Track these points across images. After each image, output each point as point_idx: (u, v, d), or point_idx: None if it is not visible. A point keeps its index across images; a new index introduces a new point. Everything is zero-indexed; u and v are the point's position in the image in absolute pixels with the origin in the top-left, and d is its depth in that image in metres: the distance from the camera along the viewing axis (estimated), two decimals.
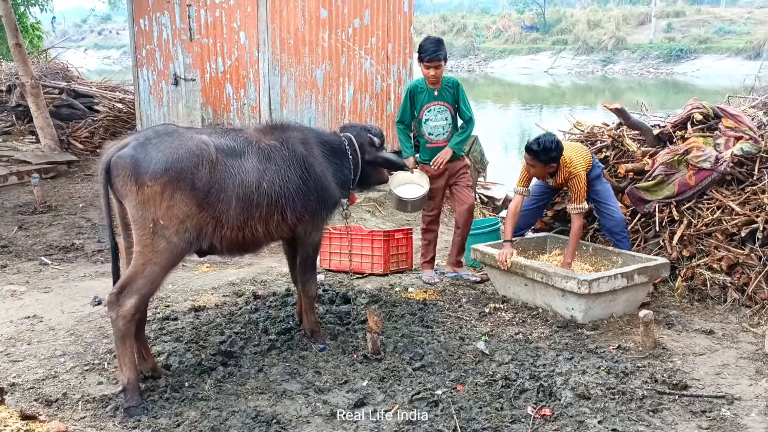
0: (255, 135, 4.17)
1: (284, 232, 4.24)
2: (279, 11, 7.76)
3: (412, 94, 5.74)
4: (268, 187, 3.98)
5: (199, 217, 3.74)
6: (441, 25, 55.10)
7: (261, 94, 7.91)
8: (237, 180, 3.86)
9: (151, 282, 3.70)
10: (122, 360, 3.67)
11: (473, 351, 4.36)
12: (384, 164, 4.94)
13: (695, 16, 45.47)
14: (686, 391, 3.79)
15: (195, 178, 3.68)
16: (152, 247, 3.66)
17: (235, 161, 3.90)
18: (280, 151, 4.13)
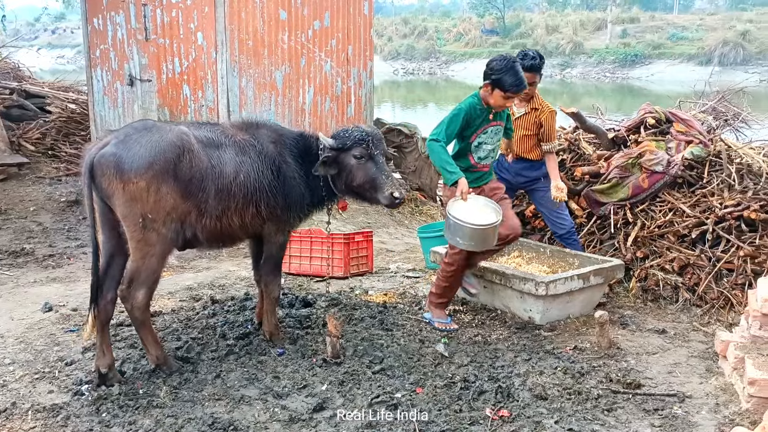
0: (231, 129, 4.24)
1: (259, 226, 4.27)
2: (237, 12, 7.67)
3: (469, 117, 4.68)
4: (245, 180, 4.05)
5: (183, 206, 3.88)
6: (402, 28, 55.36)
7: (219, 96, 7.81)
8: (217, 171, 3.97)
9: (153, 272, 3.92)
10: (147, 343, 4.06)
11: (433, 353, 4.37)
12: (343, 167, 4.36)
13: (649, 22, 46.61)
14: (639, 390, 3.86)
15: (177, 169, 3.81)
16: (145, 240, 3.84)
17: (214, 152, 4.00)
18: (254, 147, 4.17)
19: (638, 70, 39.86)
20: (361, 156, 4.27)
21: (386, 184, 4.27)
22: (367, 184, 4.30)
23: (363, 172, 4.29)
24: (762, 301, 3.82)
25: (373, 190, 4.32)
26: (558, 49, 42.64)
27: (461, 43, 51.15)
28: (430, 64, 49.72)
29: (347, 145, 4.26)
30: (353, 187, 4.36)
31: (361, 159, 4.27)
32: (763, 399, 3.38)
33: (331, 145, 4.26)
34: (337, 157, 4.29)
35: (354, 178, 4.31)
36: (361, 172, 4.29)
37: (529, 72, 4.92)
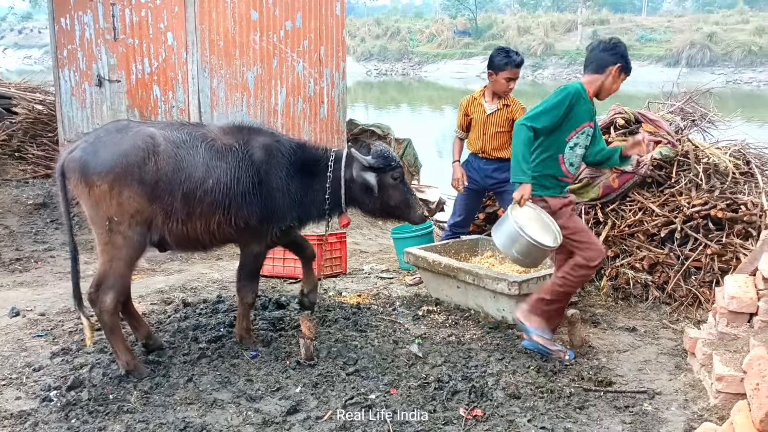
0: (214, 133, 4.14)
1: (228, 234, 4.16)
2: (208, 12, 7.60)
3: (572, 104, 4.03)
4: (214, 186, 3.96)
5: (149, 209, 3.85)
6: (375, 29, 55.43)
7: (190, 97, 7.73)
8: (184, 174, 3.89)
9: (120, 276, 3.90)
10: (116, 348, 3.98)
11: (407, 354, 4.37)
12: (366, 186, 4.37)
13: (618, 24, 47.31)
14: (611, 388, 3.91)
15: (142, 172, 3.77)
16: (112, 244, 3.84)
17: (184, 154, 3.93)
18: (234, 153, 4.07)
19: None
20: (397, 177, 4.41)
21: (417, 204, 4.53)
22: (402, 204, 4.46)
23: (399, 192, 4.43)
24: (729, 299, 3.89)
25: (407, 210, 4.49)
26: (529, 50, 43.05)
27: (434, 44, 51.38)
28: (403, 65, 49.86)
29: (390, 166, 4.35)
30: (389, 206, 4.47)
31: (396, 180, 4.41)
32: (731, 395, 3.44)
33: (371, 164, 4.31)
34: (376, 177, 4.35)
35: (391, 198, 4.42)
36: (397, 193, 4.42)
37: (519, 67, 5.26)
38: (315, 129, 8.95)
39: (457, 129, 5.67)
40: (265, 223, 4.20)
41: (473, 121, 5.50)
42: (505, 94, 5.39)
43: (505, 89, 5.36)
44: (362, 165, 4.30)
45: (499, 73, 5.31)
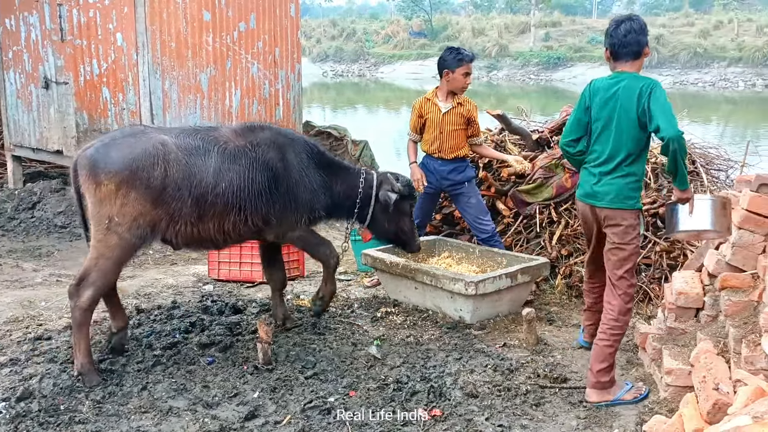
0: (227, 135, 4.23)
1: (246, 232, 4.29)
2: (159, 13, 7.47)
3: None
4: (226, 188, 4.06)
5: (153, 214, 3.93)
6: (331, 30, 55.33)
7: (141, 99, 7.59)
8: (195, 180, 3.98)
9: (104, 275, 3.94)
10: (78, 346, 3.97)
11: (366, 356, 4.38)
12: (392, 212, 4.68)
13: (570, 26, 48.21)
14: (565, 384, 3.98)
15: (150, 177, 3.86)
16: (105, 242, 3.91)
17: (196, 160, 4.03)
18: (247, 153, 4.17)
19: (561, 72, 41.14)
20: (411, 207, 4.86)
21: (416, 236, 4.95)
22: (410, 231, 4.84)
23: (409, 221, 4.84)
24: (677, 294, 4.01)
25: (411, 238, 4.87)
26: (484, 51, 43.51)
27: (390, 45, 51.51)
28: (359, 66, 49.86)
29: (412, 196, 4.82)
30: (400, 230, 4.81)
31: (410, 210, 4.84)
32: (680, 387, 3.54)
33: (399, 191, 4.65)
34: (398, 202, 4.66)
35: (404, 223, 4.80)
36: (408, 221, 4.83)
37: (471, 63, 5.40)
38: None
39: (411, 132, 5.69)
40: (289, 215, 4.35)
41: (428, 121, 5.54)
42: (462, 90, 5.49)
43: (463, 85, 5.46)
44: (391, 189, 4.62)
45: (455, 70, 5.40)
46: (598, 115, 3.77)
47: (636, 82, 3.62)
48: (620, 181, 3.73)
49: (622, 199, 3.73)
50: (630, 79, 3.66)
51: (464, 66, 5.40)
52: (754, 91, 35.08)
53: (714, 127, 21.70)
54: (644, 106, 3.54)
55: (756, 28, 40.39)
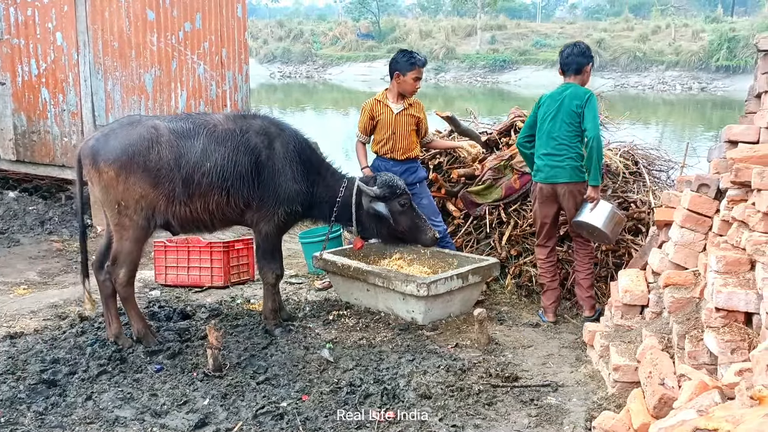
0: (218, 119, 4.49)
1: (230, 213, 4.50)
2: (100, 11, 7.27)
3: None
4: (211, 168, 4.30)
5: (152, 195, 4.24)
6: (278, 31, 54.85)
7: (83, 100, 7.37)
8: (183, 160, 4.26)
9: (129, 254, 4.36)
10: (130, 316, 4.51)
11: (318, 360, 4.34)
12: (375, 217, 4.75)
13: (515, 29, 49.01)
14: (517, 383, 4.03)
15: (146, 160, 4.18)
16: (120, 225, 4.30)
17: (185, 142, 4.30)
18: (234, 137, 4.39)
19: (507, 74, 41.80)
20: (404, 204, 4.71)
21: (426, 227, 4.78)
22: (411, 229, 4.75)
23: (407, 218, 4.73)
24: (622, 292, 4.11)
25: (417, 234, 4.78)
26: (432, 53, 43.86)
27: (338, 47, 51.41)
28: (307, 68, 49.59)
29: (395, 194, 4.69)
30: (398, 232, 4.77)
31: (404, 207, 4.71)
32: (627, 383, 3.63)
33: (377, 195, 4.64)
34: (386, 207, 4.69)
35: (399, 224, 4.73)
36: (405, 219, 4.73)
37: (423, 67, 5.47)
38: None
39: (359, 133, 5.67)
40: (267, 202, 4.49)
41: (380, 122, 5.53)
42: (412, 93, 5.51)
43: (413, 89, 5.48)
44: (369, 196, 4.63)
45: (406, 74, 5.42)
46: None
47: (578, 91, 4.84)
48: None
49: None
50: (574, 88, 4.86)
51: (415, 70, 5.42)
52: (690, 94, 36.39)
53: (653, 128, 22.39)
54: (581, 109, 4.75)
55: (692, 32, 41.88)
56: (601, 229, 4.77)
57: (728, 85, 36.75)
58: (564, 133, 4.83)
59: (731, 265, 3.30)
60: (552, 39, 46.08)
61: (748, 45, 37.14)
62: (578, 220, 4.86)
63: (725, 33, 38.30)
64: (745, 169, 3.47)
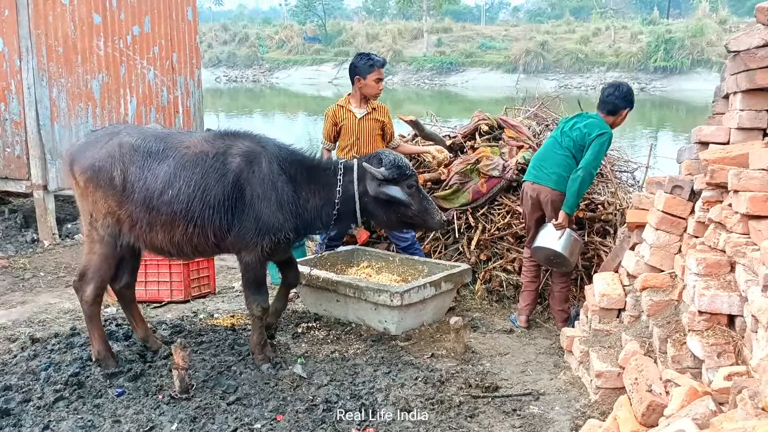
0: (194, 141, 4.05)
1: (201, 245, 4.06)
2: (44, 15, 6.92)
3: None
4: (173, 195, 3.90)
5: (118, 213, 3.98)
6: (222, 35, 54.07)
7: (27, 108, 7.00)
8: (144, 184, 3.92)
9: (97, 270, 4.14)
10: (92, 336, 4.27)
11: (291, 376, 4.17)
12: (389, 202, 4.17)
13: (461, 32, 49.56)
14: (497, 393, 3.95)
15: (111, 177, 3.94)
16: (90, 237, 4.13)
17: (149, 164, 3.94)
18: (206, 161, 3.95)
19: (454, 77, 42.19)
20: (412, 186, 4.19)
21: (435, 210, 4.29)
22: (421, 212, 4.22)
23: (417, 201, 4.20)
24: (599, 296, 4.08)
25: (426, 217, 4.25)
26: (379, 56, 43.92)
27: (284, 51, 50.98)
28: (253, 72, 49.01)
29: (405, 176, 4.14)
30: (407, 216, 4.23)
31: (412, 189, 4.19)
32: (610, 389, 3.59)
33: (386, 176, 4.07)
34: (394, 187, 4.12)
35: (408, 208, 4.19)
36: (415, 202, 4.19)
37: (384, 66, 5.39)
38: None
39: (324, 141, 5.55)
40: (248, 233, 4.01)
41: (343, 128, 5.41)
42: (376, 96, 5.42)
43: (376, 91, 5.39)
44: (377, 179, 4.09)
45: (367, 76, 5.33)
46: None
47: (602, 124, 4.76)
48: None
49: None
50: (599, 121, 4.79)
51: (375, 71, 5.33)
52: None
53: None
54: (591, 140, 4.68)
55: (630, 35, 43.11)
56: (564, 255, 4.72)
57: (666, 86, 37.97)
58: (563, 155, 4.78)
59: (712, 267, 3.29)
60: (497, 41, 46.76)
61: (684, 46, 38.53)
62: (538, 245, 4.80)
63: (662, 35, 39.57)
64: (721, 170, 3.47)
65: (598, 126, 4.72)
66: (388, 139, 5.52)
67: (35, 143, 7.12)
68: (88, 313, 4.25)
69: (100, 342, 4.27)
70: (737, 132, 3.78)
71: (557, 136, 4.91)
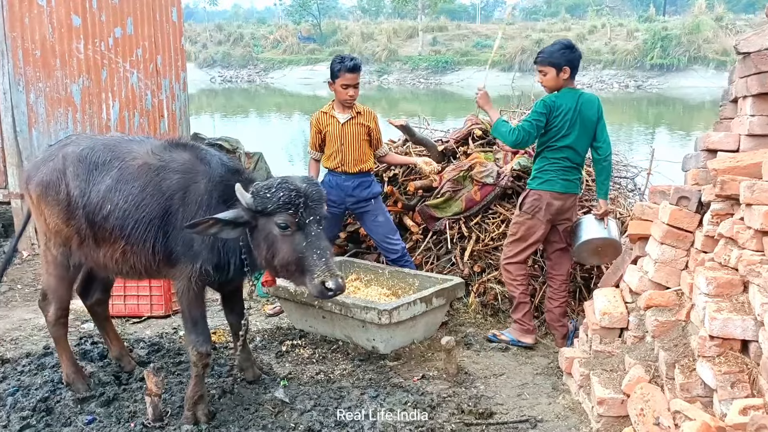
0: (141, 151, 3.62)
1: (142, 267, 3.61)
2: (20, 17, 6.65)
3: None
4: (111, 211, 3.53)
5: (66, 231, 3.71)
6: (217, 35, 53.71)
7: (3, 114, 6.74)
8: (86, 198, 3.61)
9: (54, 291, 3.93)
10: (61, 358, 4.08)
11: (272, 401, 3.90)
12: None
13: (456, 31, 49.28)
14: (492, 419, 3.69)
15: (56, 192, 3.67)
16: (44, 257, 3.92)
17: (94, 176, 3.61)
18: (147, 174, 3.51)
19: (449, 76, 41.93)
20: (286, 225, 3.23)
21: (317, 268, 3.22)
22: (292, 263, 3.27)
23: (288, 246, 3.25)
24: (600, 315, 3.83)
25: (299, 273, 3.29)
26: (374, 56, 43.67)
27: (279, 51, 50.66)
28: (248, 72, 48.70)
29: (269, 209, 3.23)
30: (273, 263, 3.35)
31: (286, 229, 3.24)
32: (613, 418, 3.34)
33: (249, 205, 3.25)
34: (255, 221, 3.30)
35: (276, 252, 3.28)
36: (285, 247, 3.25)
37: (354, 72, 4.99)
38: None
39: (311, 149, 5.28)
40: (177, 259, 3.52)
41: (328, 135, 5.15)
42: (347, 102, 5.09)
43: (345, 97, 5.03)
44: (243, 206, 3.28)
45: (335, 81, 5.04)
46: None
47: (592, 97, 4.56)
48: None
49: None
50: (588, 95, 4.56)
51: (342, 77, 4.97)
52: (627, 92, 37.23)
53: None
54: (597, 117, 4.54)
55: (626, 32, 42.90)
56: (618, 241, 4.50)
57: (662, 83, 37.78)
58: (585, 146, 4.50)
59: (723, 287, 3.04)
60: (492, 40, 46.49)
61: (680, 43, 38.35)
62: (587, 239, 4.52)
63: (658, 32, 39.39)
64: (731, 181, 3.22)
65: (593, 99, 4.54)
66: (375, 145, 5.25)
67: (12, 150, 6.85)
68: (53, 335, 4.06)
69: (68, 364, 4.06)
70: (747, 139, 3.54)
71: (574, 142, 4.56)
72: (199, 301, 3.64)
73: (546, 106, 4.39)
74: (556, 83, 4.45)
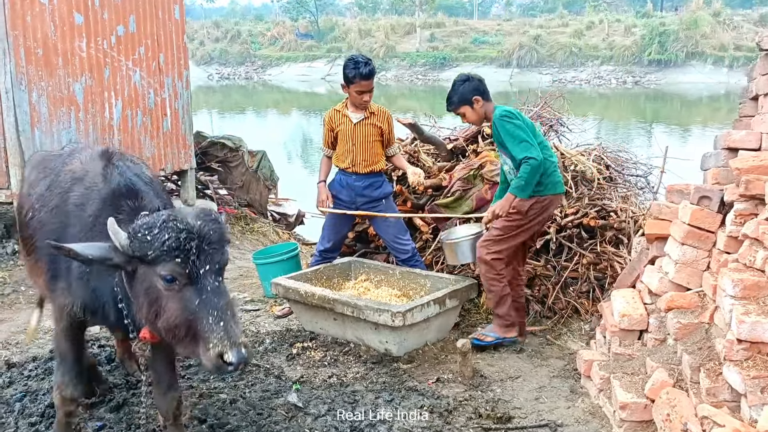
0: (75, 160, 3.22)
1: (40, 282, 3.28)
2: (21, 16, 6.55)
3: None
4: (29, 221, 3.23)
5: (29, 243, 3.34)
6: (214, 32, 53.62)
7: (5, 114, 6.63)
8: (25, 210, 3.34)
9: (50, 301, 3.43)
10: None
11: (285, 406, 3.85)
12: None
13: (454, 27, 49.19)
14: (510, 424, 3.62)
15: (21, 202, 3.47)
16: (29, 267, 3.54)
17: (35, 189, 3.30)
18: (60, 186, 3.11)
19: (447, 72, 41.85)
20: (173, 278, 2.47)
21: (213, 335, 2.42)
22: (180, 327, 2.47)
23: (175, 305, 2.47)
24: (620, 317, 3.77)
25: (189, 339, 2.48)
26: (372, 52, 43.57)
27: (276, 47, 50.55)
28: (246, 69, 48.59)
29: (149, 256, 2.47)
30: (155, 325, 2.56)
31: (173, 283, 2.47)
32: (636, 422, 3.28)
33: (123, 249, 2.51)
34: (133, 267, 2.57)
35: (159, 311, 2.52)
36: (172, 306, 2.48)
37: (369, 78, 4.93)
38: (158, 144, 8.10)
39: (324, 147, 5.23)
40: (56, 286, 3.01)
41: (340, 134, 5.08)
42: (361, 106, 5.03)
43: (360, 102, 5.01)
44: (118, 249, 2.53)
45: (349, 86, 4.97)
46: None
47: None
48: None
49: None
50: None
51: (356, 84, 4.91)
52: (625, 88, 37.24)
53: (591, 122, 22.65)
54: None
55: (624, 28, 42.88)
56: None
57: (660, 79, 37.79)
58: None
59: (750, 289, 2.98)
60: (490, 36, 46.43)
61: (678, 39, 38.32)
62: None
63: (656, 28, 39.37)
64: (756, 180, 3.16)
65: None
66: (388, 143, 5.19)
67: (14, 150, 6.75)
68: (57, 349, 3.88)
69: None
70: None
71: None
72: (68, 337, 3.09)
73: (513, 114, 4.36)
74: (479, 115, 4.54)
